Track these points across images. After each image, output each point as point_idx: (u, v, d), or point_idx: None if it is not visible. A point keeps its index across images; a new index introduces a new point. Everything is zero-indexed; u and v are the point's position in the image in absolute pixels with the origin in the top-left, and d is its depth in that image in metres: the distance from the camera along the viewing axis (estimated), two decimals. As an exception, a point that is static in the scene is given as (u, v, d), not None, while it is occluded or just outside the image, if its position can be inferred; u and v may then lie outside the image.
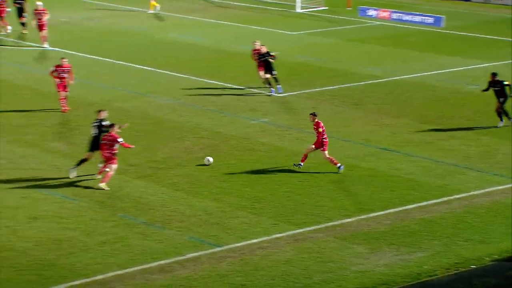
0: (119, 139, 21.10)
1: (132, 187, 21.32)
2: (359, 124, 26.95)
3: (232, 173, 22.46)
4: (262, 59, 29.83)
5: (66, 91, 27.41)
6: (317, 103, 29.25)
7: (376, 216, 19.78)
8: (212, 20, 44.88)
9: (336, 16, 46.82)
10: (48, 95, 29.26)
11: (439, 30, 43.14)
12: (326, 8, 48.67)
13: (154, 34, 40.78)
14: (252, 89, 30.82)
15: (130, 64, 34.40)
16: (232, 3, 50.12)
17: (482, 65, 35.16)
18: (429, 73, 33.70)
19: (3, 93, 29.76)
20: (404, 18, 45.35)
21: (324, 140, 22.60)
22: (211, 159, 22.86)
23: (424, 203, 20.58)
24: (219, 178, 22.07)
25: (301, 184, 21.74)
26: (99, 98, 29.25)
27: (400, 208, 20.23)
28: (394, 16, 45.78)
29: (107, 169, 21.09)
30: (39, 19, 36.05)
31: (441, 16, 44.62)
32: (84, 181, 21.63)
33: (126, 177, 21.95)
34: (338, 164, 22.62)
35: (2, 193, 20.73)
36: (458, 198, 20.88)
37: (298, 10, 47.86)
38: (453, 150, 24.52)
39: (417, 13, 45.72)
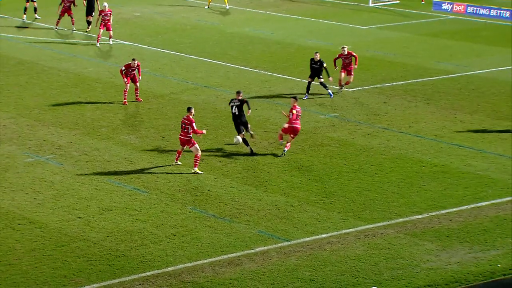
0: (194, 123, 22.06)
1: (201, 180, 21.44)
2: (431, 119, 26.51)
3: (301, 168, 22.37)
4: (346, 61, 29.03)
5: (136, 84, 27.75)
6: (388, 98, 28.89)
7: (448, 213, 19.43)
8: (283, 15, 44.77)
9: (409, 10, 46.17)
10: (120, 87, 29.66)
11: (515, 24, 42.14)
12: (399, 2, 48.04)
13: (225, 28, 40.92)
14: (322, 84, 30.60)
15: (200, 58, 34.59)
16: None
17: (560, 60, 34.21)
18: (504, 68, 32.92)
19: (78, 85, 30.29)
20: (479, 12, 44.43)
21: (295, 126, 22.96)
22: (240, 139, 23.11)
23: (498, 200, 20.12)
24: (288, 173, 22.00)
25: (371, 180, 21.51)
26: (168, 91, 29.50)
27: (473, 205, 19.83)
28: (470, 9, 44.88)
29: (193, 151, 22.12)
30: (106, 20, 36.34)
31: (517, 9, 43.57)
32: (156, 174, 21.84)
33: (196, 170, 22.05)
34: (285, 150, 23.08)
35: (76, 184, 21.10)
36: (534, 196, 20.36)
37: (370, 4, 47.37)
38: (529, 147, 23.91)
39: (494, 7, 44.71)
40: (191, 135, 22.04)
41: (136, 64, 27.73)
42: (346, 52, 29.04)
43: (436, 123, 26.10)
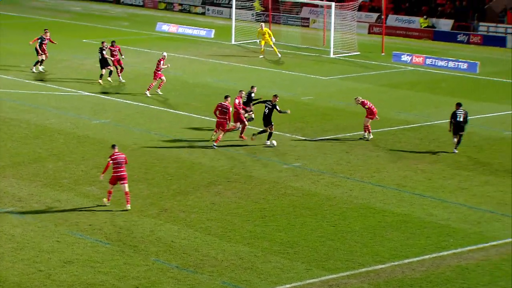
0: (230, 108, 28.28)
1: (164, 231, 21.31)
2: (393, 169, 26.77)
3: (265, 218, 22.37)
4: None
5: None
6: (350, 148, 29.14)
7: (411, 262, 19.51)
8: (246, 65, 45.16)
9: (369, 62, 46.90)
10: (83, 139, 29.53)
11: (474, 76, 42.98)
12: (359, 53, 48.80)
13: (188, 79, 41.11)
14: (284, 134, 30.84)
15: (163, 109, 34.64)
16: (265, 48, 50.50)
17: (517, 111, 34.89)
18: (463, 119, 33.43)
19: (39, 136, 30.08)
20: (438, 64, 45.28)
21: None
22: (275, 143, 28.18)
23: (460, 250, 20.28)
24: (252, 223, 21.98)
25: (334, 229, 21.56)
26: (131, 142, 29.44)
27: (435, 255, 19.95)
28: (428, 61, 45.73)
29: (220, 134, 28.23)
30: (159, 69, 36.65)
31: (475, 62, 44.47)
32: (118, 225, 21.65)
33: (159, 221, 21.96)
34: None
35: (36, 237, 20.82)
36: (495, 245, 20.54)
37: (332, 55, 48.03)
38: (489, 196, 24.21)
39: (452, 59, 45.62)
40: (227, 118, 27.80)
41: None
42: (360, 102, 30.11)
43: (398, 173, 26.36)
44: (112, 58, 39.38)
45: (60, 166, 26.54)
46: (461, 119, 28.68)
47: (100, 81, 39.04)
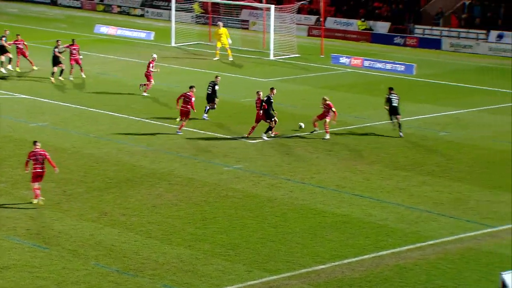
0: (193, 98, 30.57)
1: (104, 235, 21.13)
2: (332, 170, 27.05)
3: (206, 220, 22.37)
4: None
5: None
6: (290, 150, 29.34)
7: (350, 262, 19.75)
8: (186, 68, 45.06)
9: (309, 64, 47.27)
10: (20, 142, 29.10)
11: (411, 78, 43.69)
12: (299, 55, 49.14)
13: (127, 81, 40.83)
14: (225, 136, 30.88)
15: (103, 111, 34.34)
16: (205, 50, 50.47)
17: (452, 112, 35.60)
18: (401, 120, 33.97)
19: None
20: (376, 66, 45.87)
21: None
22: (302, 125, 30.09)
23: (398, 249, 20.60)
24: (193, 225, 21.96)
25: (275, 231, 21.69)
26: (70, 145, 29.11)
27: (374, 255, 20.23)
28: (366, 63, 46.30)
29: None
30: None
31: (412, 64, 45.22)
32: (57, 229, 21.40)
33: (99, 225, 21.77)
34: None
35: (-28, 241, 20.43)
36: (431, 245, 20.94)
37: (271, 57, 48.26)
38: (426, 196, 24.66)
39: (389, 61, 46.29)
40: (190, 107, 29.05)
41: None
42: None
43: (337, 174, 26.65)
44: (70, 57, 40.21)
45: (-3, 170, 26.09)
46: (396, 104, 31.03)
47: (52, 78, 38.90)
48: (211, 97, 33.16)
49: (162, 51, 50.32)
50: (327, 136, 30.61)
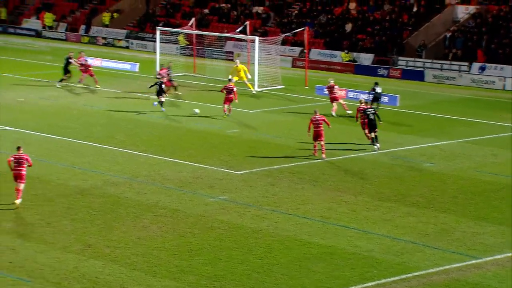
0: (234, 88, 39.66)
1: (88, 267, 20.98)
2: (318, 201, 27.05)
3: (191, 252, 22.27)
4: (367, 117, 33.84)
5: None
6: (276, 180, 29.35)
7: (336, 294, 19.68)
8: (172, 99, 45.08)
9: (293, 95, 47.45)
10: (2, 175, 28.94)
11: (395, 109, 43.94)
12: (284, 86, 49.33)
13: (112, 113, 40.81)
14: (210, 167, 30.86)
15: (87, 143, 34.26)
16: (191, 82, 50.61)
17: (436, 143, 35.80)
18: (385, 150, 34.13)
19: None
20: (360, 97, 46.08)
21: None
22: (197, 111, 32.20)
23: (383, 280, 20.57)
24: (178, 257, 21.85)
25: (260, 262, 21.61)
26: (55, 177, 28.99)
27: (360, 286, 20.18)
28: (350, 94, 46.53)
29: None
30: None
31: (396, 95, 45.50)
32: (40, 262, 21.21)
33: (83, 257, 21.61)
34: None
35: (-45, 274, 20.20)
36: (417, 276, 20.93)
37: (256, 89, 48.42)
38: (411, 227, 24.69)
39: (373, 92, 46.52)
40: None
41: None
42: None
43: (322, 205, 26.65)
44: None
45: (-20, 202, 25.89)
46: (372, 117, 33.71)
47: (58, 84, 42.99)
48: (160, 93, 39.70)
49: (146, 82, 50.41)
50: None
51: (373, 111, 34.16)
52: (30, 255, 21.61)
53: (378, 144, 33.60)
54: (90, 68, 47.50)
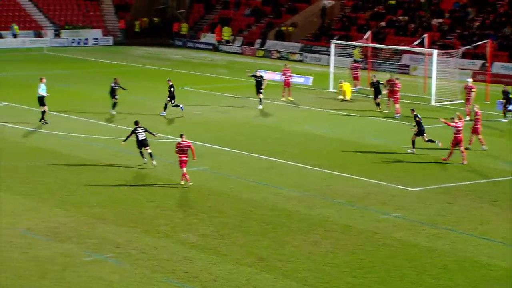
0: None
1: (261, 280, 20.92)
2: (497, 221, 25.67)
3: (363, 269, 21.71)
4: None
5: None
6: (452, 198, 28.17)
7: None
8: (344, 113, 44.71)
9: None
10: (167, 188, 29.61)
11: None
12: (463, 101, 47.61)
13: (283, 126, 40.97)
14: (383, 183, 30.13)
15: (259, 156, 34.48)
16: (366, 96, 50.00)
17: None
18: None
19: (137, 182, 30.31)
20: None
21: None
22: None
23: None
24: (349, 274, 21.36)
25: (436, 283, 20.72)
26: (228, 189, 29.33)
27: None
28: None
29: None
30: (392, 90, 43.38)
31: None
32: (214, 273, 21.40)
33: (255, 270, 21.61)
34: None
35: (133, 284, 20.72)
36: None
37: (433, 103, 47.01)
38: None
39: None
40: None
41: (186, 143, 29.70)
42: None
43: (502, 225, 25.26)
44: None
45: (158, 212, 26.60)
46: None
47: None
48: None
49: (319, 96, 50.30)
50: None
51: None
52: (204, 266, 21.87)
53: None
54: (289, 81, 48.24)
